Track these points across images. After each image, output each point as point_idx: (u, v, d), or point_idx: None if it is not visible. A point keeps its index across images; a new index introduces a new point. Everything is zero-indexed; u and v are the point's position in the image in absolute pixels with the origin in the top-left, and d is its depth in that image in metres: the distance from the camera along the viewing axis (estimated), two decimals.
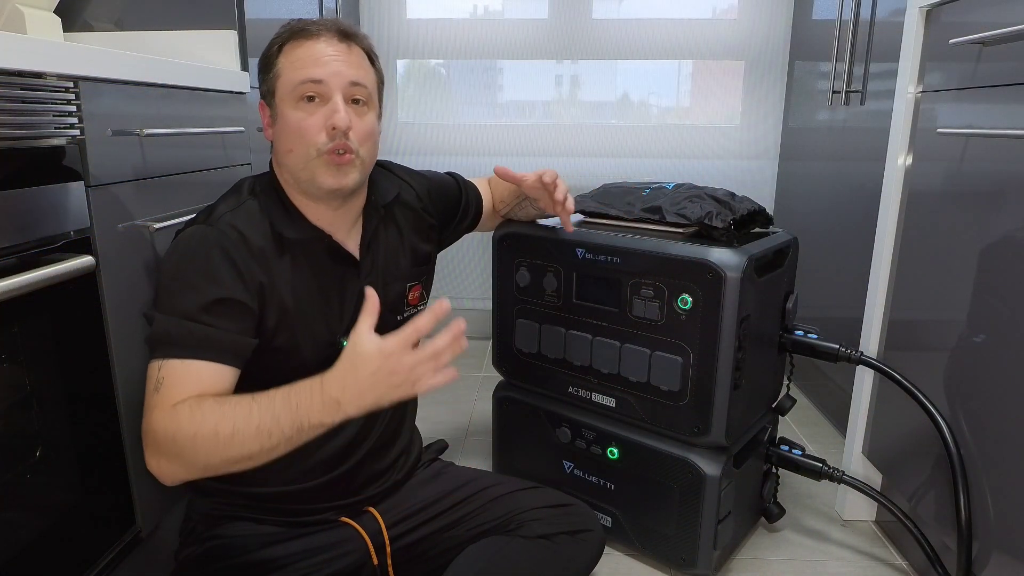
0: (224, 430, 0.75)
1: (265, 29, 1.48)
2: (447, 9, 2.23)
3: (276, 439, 0.75)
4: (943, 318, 1.06)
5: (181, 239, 0.87)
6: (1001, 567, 0.93)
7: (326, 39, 0.88)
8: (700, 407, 1.08)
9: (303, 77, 0.86)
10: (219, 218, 0.87)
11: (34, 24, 1.10)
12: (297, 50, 0.88)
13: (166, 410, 0.78)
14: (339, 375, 0.76)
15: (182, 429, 0.76)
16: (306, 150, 0.87)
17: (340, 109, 0.86)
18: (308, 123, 0.86)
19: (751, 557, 1.24)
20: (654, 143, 2.28)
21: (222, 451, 0.75)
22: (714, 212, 1.11)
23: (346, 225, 0.96)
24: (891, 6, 1.46)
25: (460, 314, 0.93)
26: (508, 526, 1.01)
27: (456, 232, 1.20)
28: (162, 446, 0.77)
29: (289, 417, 0.75)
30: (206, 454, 0.76)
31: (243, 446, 0.75)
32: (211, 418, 0.75)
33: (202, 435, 0.75)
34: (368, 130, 0.90)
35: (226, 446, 0.75)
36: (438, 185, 1.15)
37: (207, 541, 0.94)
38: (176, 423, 0.76)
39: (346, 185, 0.89)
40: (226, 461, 0.76)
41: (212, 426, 0.75)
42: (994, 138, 0.95)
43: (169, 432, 0.76)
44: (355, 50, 0.90)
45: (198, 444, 0.75)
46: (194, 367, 0.80)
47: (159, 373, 0.80)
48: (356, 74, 0.88)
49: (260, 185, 0.94)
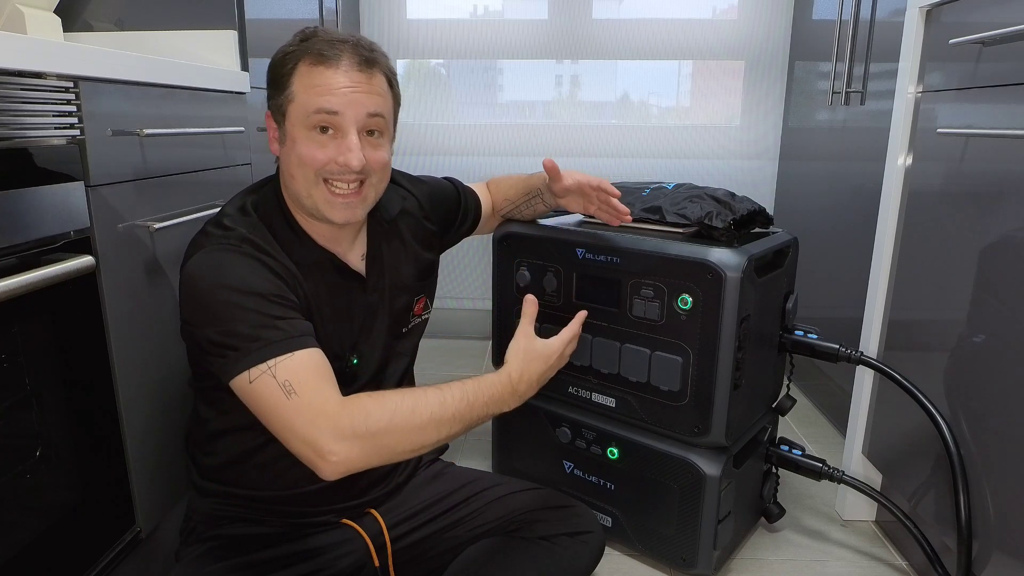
0: (420, 417, 0.81)
1: (265, 29, 1.48)
2: (447, 9, 2.23)
3: (464, 424, 0.84)
4: (943, 318, 1.06)
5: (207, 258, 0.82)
6: (1001, 567, 0.93)
7: (346, 67, 0.83)
8: (700, 407, 1.08)
9: (318, 107, 0.82)
10: (240, 239, 0.84)
11: (34, 24, 1.10)
12: (313, 75, 0.83)
13: (336, 400, 0.78)
14: (525, 373, 0.92)
15: (375, 415, 0.78)
16: (308, 178, 0.85)
17: (354, 148, 0.83)
18: (317, 155, 0.83)
19: (751, 557, 1.24)
20: (654, 143, 2.28)
21: (416, 436, 0.81)
22: (714, 212, 1.11)
23: (349, 239, 0.95)
24: (891, 6, 1.46)
25: (460, 314, 0.94)
26: (508, 527, 1.01)
27: (456, 237, 1.20)
28: (348, 432, 0.76)
29: (481, 405, 0.86)
30: (399, 438, 0.80)
31: (437, 431, 0.82)
32: (405, 405, 0.80)
33: (398, 421, 0.79)
34: (382, 161, 0.88)
35: (421, 431, 0.81)
36: (437, 191, 1.13)
37: (207, 541, 0.94)
38: (365, 411, 0.78)
39: (355, 218, 0.88)
40: (415, 446, 0.81)
41: (408, 411, 0.80)
42: (994, 138, 0.95)
43: (359, 418, 0.77)
44: (376, 78, 0.86)
45: (394, 428, 0.79)
46: (304, 356, 0.79)
47: (277, 379, 0.76)
48: (374, 105, 0.85)
49: (263, 205, 0.90)
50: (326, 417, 0.76)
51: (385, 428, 0.78)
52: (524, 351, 0.94)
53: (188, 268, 0.82)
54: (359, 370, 0.97)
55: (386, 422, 0.78)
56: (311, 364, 0.79)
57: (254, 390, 0.77)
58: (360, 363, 0.96)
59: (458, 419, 0.83)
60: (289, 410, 0.76)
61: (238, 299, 0.79)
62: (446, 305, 2.35)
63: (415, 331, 1.08)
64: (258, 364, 0.77)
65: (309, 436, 0.76)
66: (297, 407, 0.76)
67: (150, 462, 1.01)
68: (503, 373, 0.91)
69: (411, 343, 1.07)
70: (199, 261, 0.82)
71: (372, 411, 0.78)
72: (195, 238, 0.87)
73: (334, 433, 0.76)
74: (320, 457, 0.76)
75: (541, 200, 1.19)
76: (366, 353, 0.97)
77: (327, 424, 0.76)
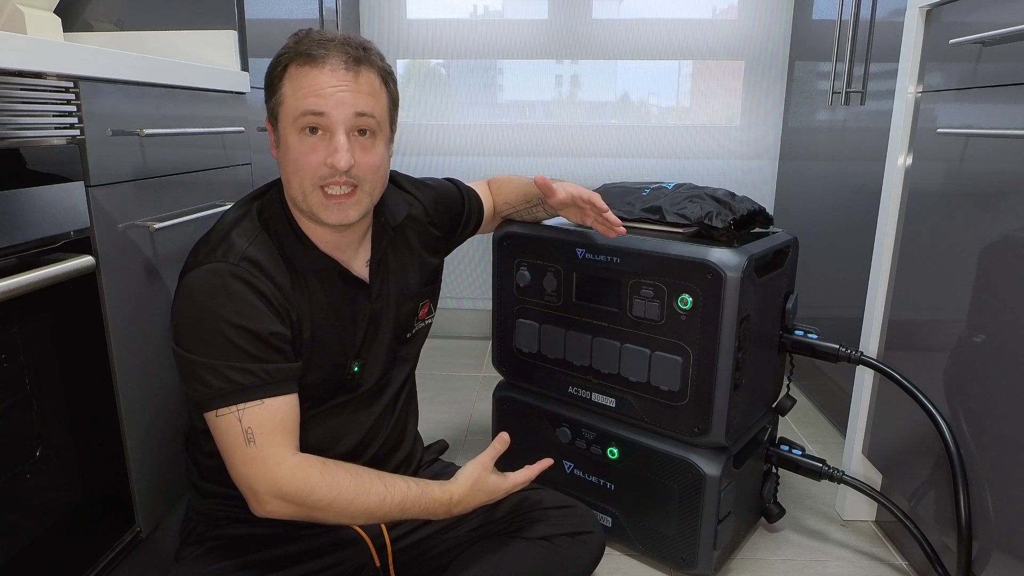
0: (357, 507, 0.85)
1: (265, 29, 1.48)
2: (447, 9, 2.23)
3: (390, 520, 0.90)
4: (943, 318, 1.06)
5: (206, 278, 0.82)
6: (1001, 567, 0.93)
7: (332, 66, 0.81)
8: (700, 407, 1.08)
9: (304, 108, 0.81)
10: (240, 257, 0.83)
11: (34, 24, 1.10)
12: (300, 77, 0.82)
13: (287, 462, 0.82)
14: (466, 500, 0.93)
15: (317, 492, 0.82)
16: (304, 184, 0.84)
17: (341, 148, 0.82)
18: (308, 159, 0.83)
19: (751, 557, 1.24)
20: (654, 143, 2.28)
21: (347, 517, 0.86)
22: (714, 212, 1.11)
23: (353, 246, 0.94)
24: (891, 6, 1.46)
25: (460, 314, 0.94)
26: (508, 527, 1.01)
27: (459, 239, 1.20)
28: (288, 497, 0.82)
29: (413, 512, 0.89)
30: (332, 515, 0.85)
31: (364, 518, 0.87)
32: (347, 494, 0.84)
33: (338, 505, 0.84)
34: (375, 164, 0.86)
35: (352, 516, 0.86)
36: (442, 195, 1.12)
37: (208, 541, 0.94)
38: (310, 485, 0.82)
39: (348, 220, 0.86)
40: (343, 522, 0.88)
41: (346, 502, 0.84)
42: (994, 138, 0.95)
43: (303, 490, 0.82)
44: (365, 76, 0.84)
45: (330, 507, 0.83)
46: (273, 406, 0.82)
47: (241, 423, 0.80)
48: (363, 104, 0.83)
49: (268, 209, 0.90)
50: (273, 478, 0.81)
51: (322, 507, 0.83)
52: (475, 481, 0.94)
53: (187, 283, 0.83)
54: (361, 377, 0.97)
55: (325, 503, 0.83)
56: (278, 415, 0.83)
57: (218, 425, 0.82)
58: (362, 371, 0.96)
59: (388, 516, 0.88)
60: (244, 456, 0.81)
61: (228, 333, 0.80)
62: (446, 305, 2.34)
63: (418, 336, 1.07)
64: (227, 406, 0.81)
65: (253, 485, 0.82)
66: (251, 457, 0.81)
67: (150, 462, 1.01)
68: (446, 492, 0.92)
69: (414, 349, 1.07)
70: (198, 279, 0.82)
71: (316, 488, 0.82)
72: (198, 245, 0.87)
73: (275, 493, 0.82)
74: (256, 501, 0.83)
75: (541, 208, 1.19)
76: (369, 361, 0.97)
77: (272, 484, 0.81)
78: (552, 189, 1.08)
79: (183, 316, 0.82)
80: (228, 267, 0.82)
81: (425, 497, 0.89)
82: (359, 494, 0.84)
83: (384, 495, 0.86)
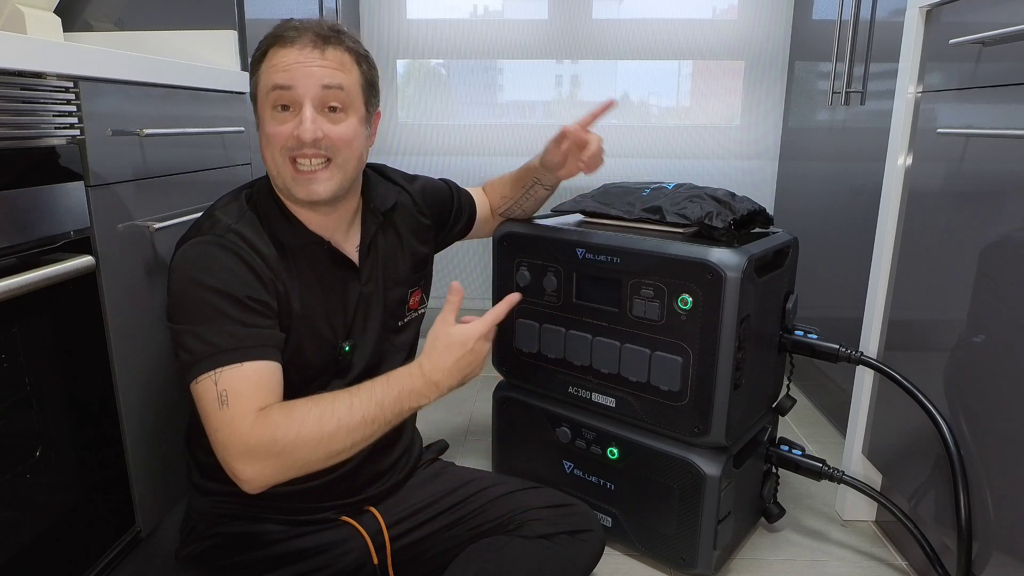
0: (328, 426, 0.79)
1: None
2: (447, 9, 2.23)
3: (379, 425, 0.82)
4: (943, 318, 1.06)
5: (191, 250, 0.84)
6: (1001, 567, 0.93)
7: (300, 45, 0.85)
8: (700, 407, 1.08)
9: (273, 83, 0.84)
10: (226, 229, 0.85)
11: (34, 24, 1.10)
12: (272, 56, 0.86)
13: (251, 417, 0.78)
14: (437, 361, 0.86)
15: (281, 431, 0.78)
16: (275, 157, 0.86)
17: (307, 119, 0.83)
18: (278, 132, 0.85)
19: (751, 557, 1.24)
20: (654, 143, 2.28)
21: (326, 446, 0.79)
22: (714, 212, 1.11)
23: (343, 229, 0.95)
24: (891, 6, 1.46)
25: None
26: (508, 526, 1.01)
27: (450, 236, 1.20)
28: (258, 451, 0.78)
29: (392, 403, 0.83)
30: (310, 450, 0.79)
31: (348, 437, 0.80)
32: (312, 416, 0.79)
33: (305, 433, 0.78)
34: (345, 136, 0.87)
35: (330, 440, 0.79)
36: (430, 187, 1.14)
37: (208, 539, 0.94)
38: (273, 427, 0.78)
39: (318, 195, 0.86)
40: (329, 455, 0.80)
41: (314, 423, 0.78)
42: (994, 138, 0.95)
43: (267, 437, 0.77)
44: (332, 53, 0.86)
45: (301, 442, 0.78)
46: (250, 369, 0.80)
47: (218, 387, 0.79)
48: (329, 78, 0.85)
49: (258, 192, 0.92)
50: (240, 436, 0.78)
51: (293, 442, 0.78)
52: (437, 338, 0.88)
53: (174, 259, 0.85)
54: (352, 358, 0.97)
55: (293, 435, 0.78)
56: (253, 378, 0.80)
57: (198, 393, 0.80)
58: (353, 352, 0.96)
59: (370, 421, 0.81)
60: (218, 421, 0.79)
61: (209, 298, 0.80)
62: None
63: (411, 326, 1.08)
64: (206, 371, 0.79)
65: (226, 452, 0.78)
66: (222, 420, 0.78)
67: (150, 462, 1.01)
68: (414, 364, 0.87)
69: (407, 338, 1.07)
70: (183, 253, 0.84)
71: (279, 427, 0.78)
72: (187, 231, 0.89)
73: (245, 451, 0.77)
74: (232, 472, 0.79)
75: (540, 185, 1.19)
76: (360, 344, 0.97)
77: (240, 443, 0.77)
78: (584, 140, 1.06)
79: (170, 289, 0.84)
80: (213, 238, 0.84)
81: (394, 380, 0.84)
82: (324, 411, 0.80)
83: (351, 402, 0.81)
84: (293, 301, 0.89)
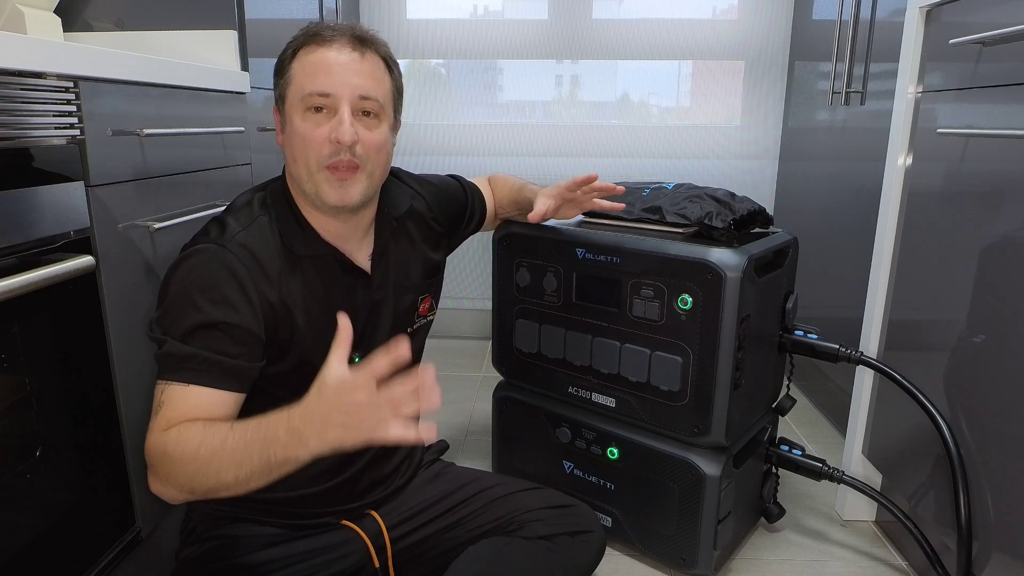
0: (203, 454, 0.73)
1: (265, 29, 1.48)
2: (447, 9, 2.23)
3: (248, 469, 0.72)
4: (943, 318, 1.06)
5: (189, 256, 0.84)
6: (1001, 567, 0.93)
7: (339, 46, 0.84)
8: (700, 407, 1.08)
9: (311, 87, 0.84)
10: (232, 237, 0.84)
11: (34, 24, 1.10)
12: (309, 56, 0.85)
13: (158, 433, 0.78)
14: (305, 406, 0.71)
15: (169, 451, 0.75)
16: (309, 162, 0.85)
17: (345, 122, 0.83)
18: (313, 135, 0.84)
19: (751, 557, 1.24)
20: (654, 143, 2.28)
21: (202, 477, 0.74)
22: (714, 212, 1.11)
23: (356, 236, 0.94)
24: (891, 6, 1.46)
25: (460, 314, 0.93)
26: (508, 527, 1.01)
27: (462, 236, 1.20)
28: (156, 468, 0.78)
29: (259, 447, 0.71)
30: (189, 478, 0.75)
31: (220, 473, 0.73)
32: (193, 442, 0.74)
33: (186, 458, 0.74)
34: (377, 142, 0.87)
35: (205, 472, 0.73)
36: (445, 191, 1.13)
37: (208, 541, 0.94)
38: (164, 445, 0.76)
39: (350, 200, 0.86)
40: (208, 488, 0.74)
41: (193, 450, 0.74)
42: (994, 138, 0.95)
43: (159, 451, 0.76)
44: (370, 58, 0.86)
45: (182, 467, 0.75)
46: (193, 392, 0.79)
47: (160, 396, 0.80)
48: (366, 86, 0.85)
49: (271, 196, 0.91)
50: (147, 445, 0.78)
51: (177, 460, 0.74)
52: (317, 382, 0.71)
53: (177, 259, 0.85)
54: None
55: (178, 455, 0.74)
56: (192, 401, 0.79)
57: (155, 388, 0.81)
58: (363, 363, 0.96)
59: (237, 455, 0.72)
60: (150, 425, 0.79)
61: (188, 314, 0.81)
62: (446, 305, 2.34)
63: (420, 332, 1.07)
64: (160, 378, 0.80)
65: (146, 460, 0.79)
66: (148, 428, 0.79)
67: None
68: (284, 410, 0.72)
69: (416, 345, 1.07)
70: (184, 259, 0.84)
71: (170, 443, 0.75)
72: (197, 232, 0.88)
73: (149, 464, 0.78)
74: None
75: None
76: (370, 354, 0.97)
77: (146, 453, 0.78)
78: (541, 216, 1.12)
79: (162, 287, 0.84)
80: (215, 248, 0.84)
81: (266, 424, 0.73)
82: (205, 439, 0.74)
83: (227, 434, 0.74)
84: (296, 313, 0.88)
